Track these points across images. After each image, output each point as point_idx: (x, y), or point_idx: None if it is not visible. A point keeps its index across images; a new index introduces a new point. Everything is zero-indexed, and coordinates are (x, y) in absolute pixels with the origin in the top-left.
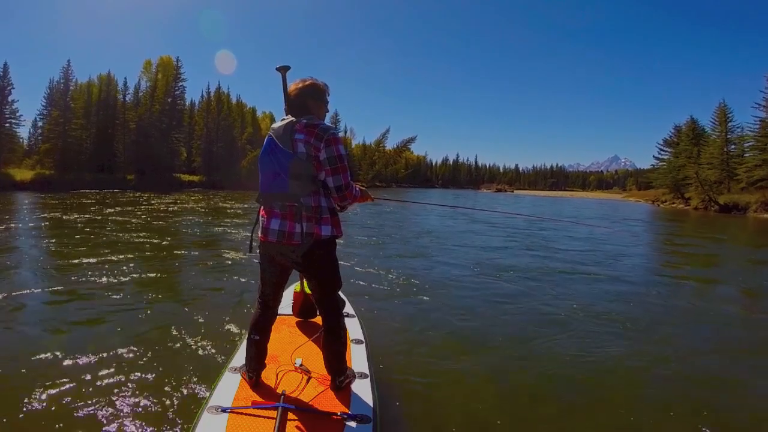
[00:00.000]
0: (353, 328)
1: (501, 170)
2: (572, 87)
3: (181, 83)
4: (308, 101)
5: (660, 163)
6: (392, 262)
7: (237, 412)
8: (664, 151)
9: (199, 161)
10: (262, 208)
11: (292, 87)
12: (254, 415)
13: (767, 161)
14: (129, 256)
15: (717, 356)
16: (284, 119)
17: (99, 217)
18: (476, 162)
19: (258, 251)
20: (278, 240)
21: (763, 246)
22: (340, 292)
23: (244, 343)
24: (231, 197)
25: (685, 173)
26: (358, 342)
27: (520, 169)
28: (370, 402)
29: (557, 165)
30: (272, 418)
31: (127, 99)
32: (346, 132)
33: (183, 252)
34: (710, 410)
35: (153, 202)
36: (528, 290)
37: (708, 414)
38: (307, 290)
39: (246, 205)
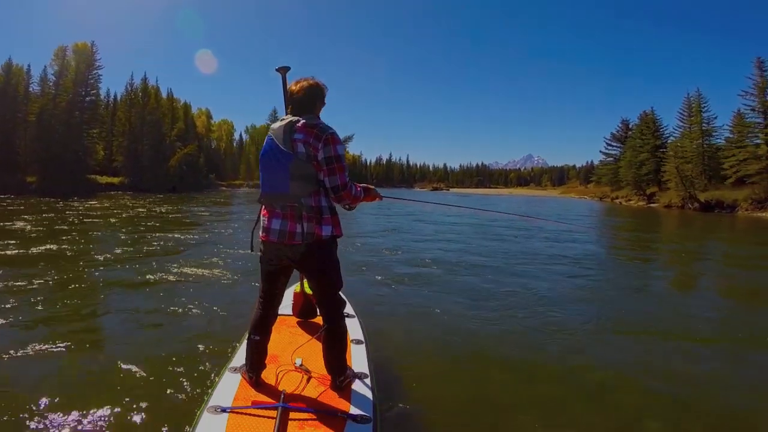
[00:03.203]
0: (353, 328)
1: (431, 169)
2: (491, 88)
3: (96, 71)
4: (312, 101)
5: (608, 158)
6: (392, 262)
7: (237, 412)
8: (611, 146)
9: (121, 160)
10: (263, 208)
11: (294, 86)
12: (254, 415)
13: (760, 154)
14: (111, 262)
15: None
16: (283, 119)
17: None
18: (408, 161)
19: (259, 251)
20: (279, 240)
21: None
22: (340, 293)
23: (244, 343)
24: (164, 201)
25: (649, 168)
26: (358, 342)
27: (448, 168)
28: (370, 402)
29: (481, 163)
30: (272, 417)
31: (33, 90)
32: None
33: (176, 255)
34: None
35: (61, 210)
36: (531, 291)
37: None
38: (308, 290)
39: (197, 208)
